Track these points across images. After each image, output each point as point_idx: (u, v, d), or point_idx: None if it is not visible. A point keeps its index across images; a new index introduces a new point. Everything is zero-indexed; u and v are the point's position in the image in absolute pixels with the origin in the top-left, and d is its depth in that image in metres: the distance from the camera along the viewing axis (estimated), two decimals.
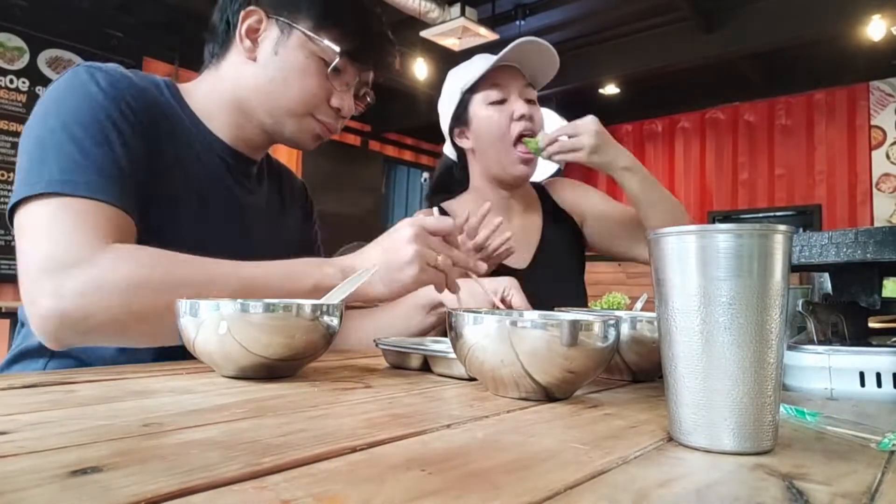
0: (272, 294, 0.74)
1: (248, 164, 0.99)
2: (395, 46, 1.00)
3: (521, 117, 1.27)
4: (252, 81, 0.92)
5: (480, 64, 1.30)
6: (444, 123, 1.39)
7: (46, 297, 0.69)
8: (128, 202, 0.77)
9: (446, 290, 0.94)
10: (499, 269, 1.24)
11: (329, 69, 0.90)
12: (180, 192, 0.86)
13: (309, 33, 0.90)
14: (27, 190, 0.73)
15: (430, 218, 0.81)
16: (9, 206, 0.76)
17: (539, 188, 1.47)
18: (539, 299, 0.95)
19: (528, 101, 1.30)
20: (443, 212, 1.36)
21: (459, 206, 1.37)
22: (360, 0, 0.96)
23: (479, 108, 1.30)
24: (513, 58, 1.28)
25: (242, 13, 0.90)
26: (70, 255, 0.70)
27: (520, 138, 1.27)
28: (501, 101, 1.28)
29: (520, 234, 1.34)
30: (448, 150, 1.43)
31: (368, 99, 1.03)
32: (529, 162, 1.30)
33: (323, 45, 0.89)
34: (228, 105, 0.94)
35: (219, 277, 0.74)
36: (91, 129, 0.77)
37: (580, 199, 1.44)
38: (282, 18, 0.90)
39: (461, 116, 1.34)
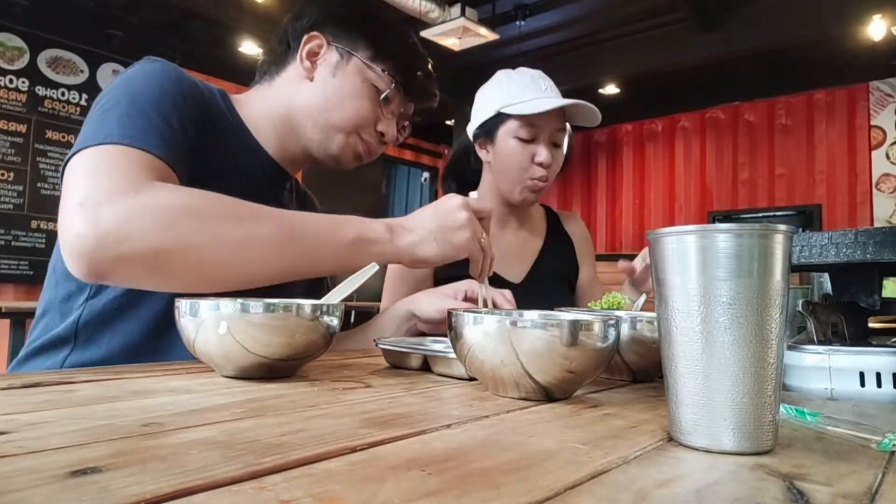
0: (313, 239, 0.76)
1: (285, 178, 1.04)
2: (437, 81, 1.08)
3: (541, 164, 1.31)
4: (307, 99, 0.98)
5: (526, 91, 1.30)
6: (472, 124, 1.40)
7: (85, 218, 0.66)
8: (178, 165, 0.78)
9: (424, 302, 0.97)
10: (492, 281, 1.24)
11: (381, 96, 0.98)
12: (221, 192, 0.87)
13: (367, 62, 0.98)
14: (84, 143, 0.73)
15: (473, 200, 0.85)
16: (64, 162, 0.76)
17: (549, 210, 1.52)
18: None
19: (555, 145, 1.33)
20: None
21: None
22: (413, 41, 1.05)
23: (507, 136, 1.32)
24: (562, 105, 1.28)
25: (305, 37, 0.98)
26: (115, 187, 0.69)
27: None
28: (529, 140, 1.31)
29: (514, 248, 1.38)
30: (470, 127, 1.44)
31: (406, 131, 1.10)
32: (538, 192, 1.34)
33: (379, 73, 0.98)
34: (278, 119, 0.99)
35: (263, 215, 0.75)
36: (156, 104, 0.80)
37: (582, 250, 1.49)
38: (342, 46, 0.98)
39: (489, 131, 1.35)
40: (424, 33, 4.54)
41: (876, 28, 4.33)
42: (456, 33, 4.49)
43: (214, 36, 4.89)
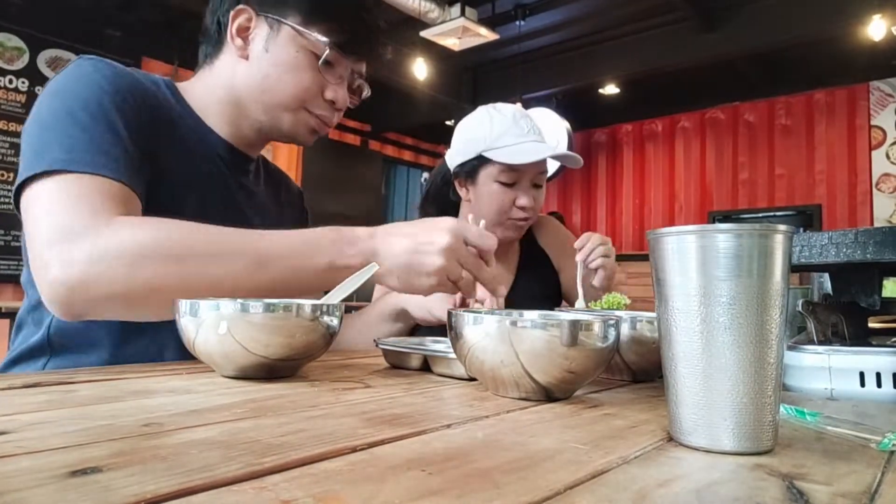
0: (283, 269, 0.73)
1: (245, 161, 1.00)
2: (386, 36, 1.01)
3: (523, 208, 1.30)
4: (245, 79, 0.93)
5: (509, 134, 1.28)
6: (452, 159, 1.38)
7: (55, 265, 0.68)
8: (134, 181, 0.77)
9: (413, 300, 0.96)
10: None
11: (320, 62, 0.91)
12: (179, 189, 0.87)
13: (298, 27, 0.90)
14: (30, 170, 0.73)
15: (475, 229, 0.80)
16: (13, 191, 0.76)
17: None
18: None
19: (536, 186, 1.33)
20: None
21: None
22: None
23: (488, 179, 1.31)
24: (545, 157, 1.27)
25: (232, 13, 0.91)
26: (76, 225, 0.69)
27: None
28: (510, 184, 1.30)
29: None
30: (450, 160, 1.41)
31: (364, 91, 1.03)
32: (520, 230, 1.34)
33: (312, 38, 0.90)
34: (224, 103, 0.95)
35: (231, 248, 0.72)
36: (96, 114, 0.77)
37: (562, 252, 1.46)
38: (270, 15, 0.91)
39: (470, 172, 1.34)
40: (424, 33, 4.54)
41: (876, 28, 4.33)
42: (456, 33, 4.49)
43: None
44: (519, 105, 1.38)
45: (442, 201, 1.44)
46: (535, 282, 1.41)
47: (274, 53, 0.91)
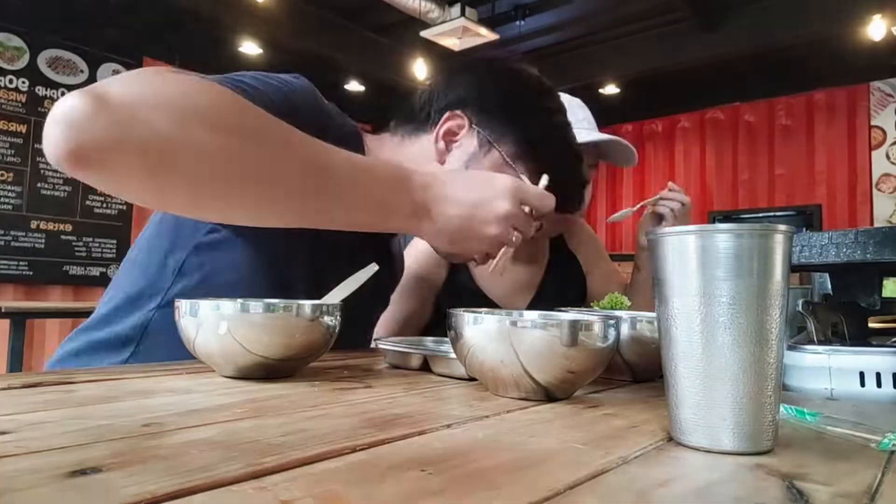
0: (338, 197, 0.65)
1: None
2: (587, 191, 0.93)
3: None
4: (419, 159, 0.86)
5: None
6: None
7: (84, 93, 0.53)
8: None
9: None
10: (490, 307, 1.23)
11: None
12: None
13: (508, 160, 0.83)
14: None
15: (534, 190, 0.73)
16: None
17: None
18: None
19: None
20: None
21: None
22: (570, 138, 0.90)
23: None
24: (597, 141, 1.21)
25: (447, 114, 0.86)
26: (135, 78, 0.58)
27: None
28: None
29: (516, 279, 1.31)
30: None
31: (542, 226, 0.95)
32: (563, 223, 1.26)
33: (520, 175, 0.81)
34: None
35: (293, 149, 0.63)
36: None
37: (587, 240, 1.42)
38: (484, 133, 0.85)
39: None
40: (424, 33, 4.54)
41: (876, 28, 4.33)
42: (456, 33, 4.49)
43: (214, 36, 4.89)
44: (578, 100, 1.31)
45: None
46: (563, 282, 1.35)
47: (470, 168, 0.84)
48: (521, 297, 1.30)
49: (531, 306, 1.30)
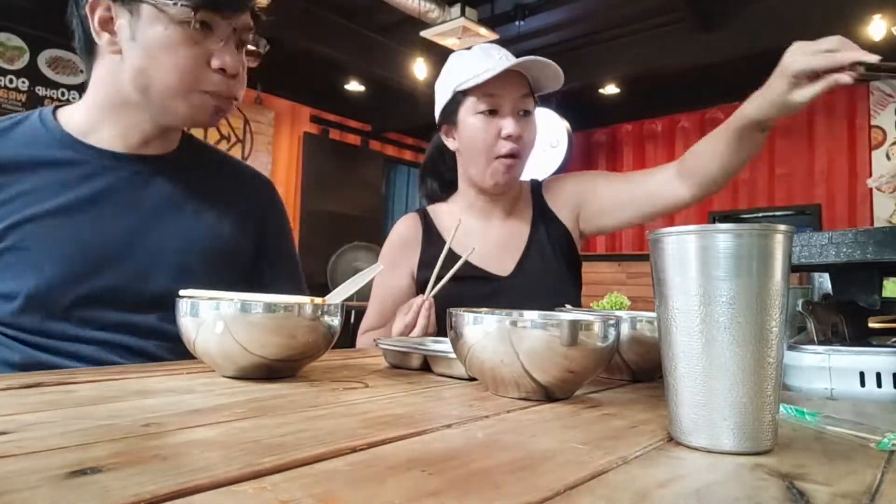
0: None
1: (143, 161, 0.93)
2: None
3: (509, 137, 1.19)
4: (123, 76, 0.85)
5: (479, 64, 1.21)
6: (436, 112, 1.32)
7: None
8: None
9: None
10: (479, 278, 1.22)
11: (191, 27, 0.82)
12: (48, 220, 0.84)
13: (154, 2, 0.81)
14: None
15: None
16: None
17: (535, 187, 1.40)
18: (522, 308, 0.92)
19: (524, 113, 1.22)
20: (427, 217, 1.34)
21: (446, 214, 1.34)
22: None
23: (468, 114, 1.22)
24: (515, 65, 1.19)
25: (87, 6, 0.84)
26: None
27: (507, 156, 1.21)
28: (492, 112, 1.20)
29: (501, 241, 1.29)
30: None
31: (259, 48, 0.92)
32: (510, 171, 1.23)
33: (174, 8, 0.81)
34: (111, 111, 0.89)
35: None
36: None
37: (570, 188, 1.35)
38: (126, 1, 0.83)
39: (450, 116, 1.26)
40: (424, 33, 4.53)
41: (876, 28, 4.33)
42: (456, 33, 4.48)
43: None
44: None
45: (440, 172, 1.40)
46: (548, 240, 1.32)
47: (141, 39, 0.83)
48: (505, 257, 1.27)
49: (517, 269, 1.27)
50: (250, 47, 0.91)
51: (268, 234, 1.06)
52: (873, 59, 0.76)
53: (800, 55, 0.82)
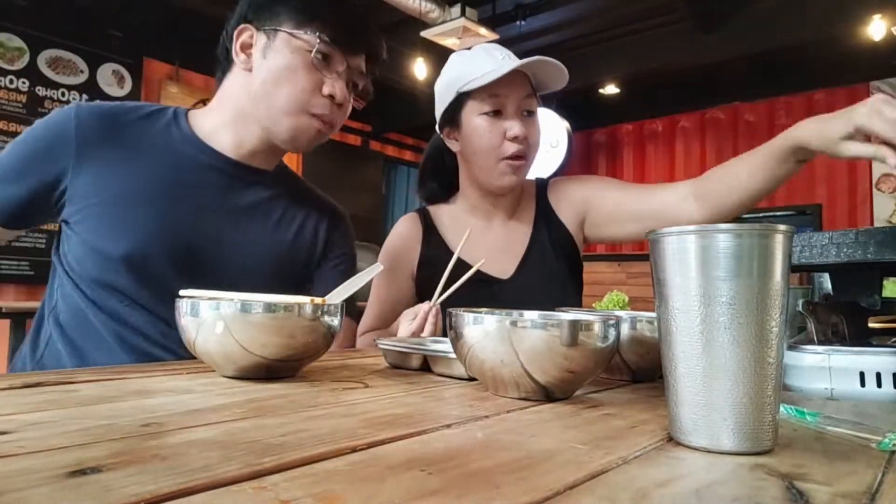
0: None
1: (250, 172, 1.04)
2: (377, 30, 1.04)
3: (515, 138, 1.18)
4: (248, 89, 0.98)
5: (482, 64, 1.20)
6: (437, 113, 1.31)
7: None
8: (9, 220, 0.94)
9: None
10: (479, 281, 1.19)
11: (312, 55, 0.95)
12: (137, 199, 0.95)
13: (289, 31, 0.95)
14: None
15: None
16: None
17: (540, 187, 1.38)
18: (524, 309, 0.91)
19: (528, 113, 1.22)
20: (428, 217, 1.33)
21: (447, 214, 1.34)
22: None
23: (472, 115, 1.21)
24: (522, 65, 1.18)
25: (235, 32, 0.98)
26: None
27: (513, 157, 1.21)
28: (496, 113, 1.19)
29: (503, 243, 1.28)
30: (438, 126, 1.34)
31: (369, 91, 1.06)
32: (518, 171, 1.22)
33: (303, 37, 0.95)
34: (231, 120, 1.01)
35: None
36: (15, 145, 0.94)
37: (577, 192, 1.34)
38: (267, 27, 0.97)
39: (453, 117, 1.25)
40: (424, 33, 4.53)
41: (876, 28, 4.33)
42: (456, 33, 4.48)
43: (214, 36, 4.89)
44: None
45: (439, 173, 1.38)
46: (549, 241, 1.31)
47: (270, 59, 0.96)
48: (506, 259, 1.27)
49: (518, 270, 1.27)
50: (359, 87, 1.04)
51: (327, 260, 1.15)
52: None
53: (873, 114, 0.81)
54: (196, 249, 0.96)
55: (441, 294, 1.06)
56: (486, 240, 1.26)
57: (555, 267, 1.30)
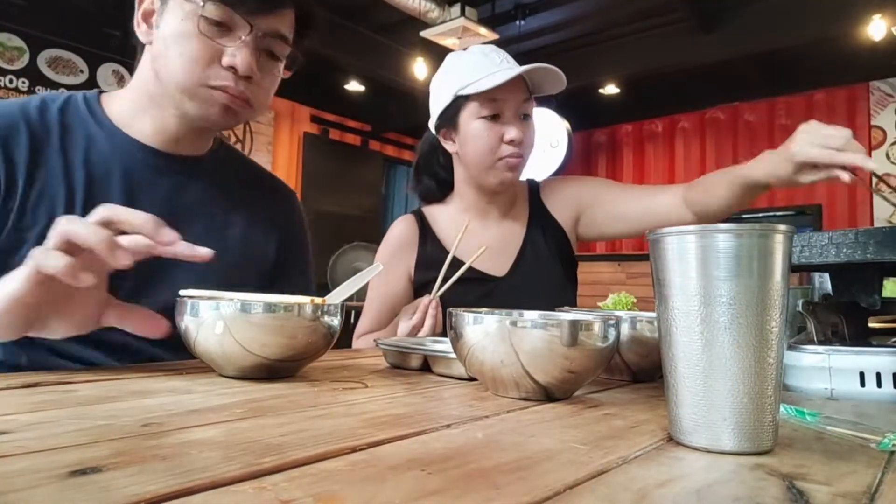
0: None
1: (176, 161, 0.91)
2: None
3: (511, 142, 1.20)
4: (149, 65, 0.85)
5: (480, 67, 1.21)
6: (432, 118, 1.32)
7: None
8: None
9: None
10: (475, 279, 1.21)
11: (197, 21, 0.79)
12: (62, 202, 0.81)
13: None
14: None
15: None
16: None
17: (534, 188, 1.40)
18: (518, 308, 0.91)
19: (524, 116, 1.23)
20: (424, 218, 1.34)
21: (442, 215, 1.34)
22: None
23: (469, 118, 1.22)
24: (523, 72, 1.19)
25: (137, 1, 0.85)
26: None
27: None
28: (494, 117, 1.21)
29: (498, 242, 1.29)
30: (431, 122, 1.34)
31: (297, 58, 0.89)
32: (514, 170, 1.23)
33: (194, 1, 0.79)
34: (147, 104, 0.88)
35: None
36: None
37: (571, 192, 1.36)
38: None
39: (450, 119, 1.26)
40: (424, 33, 4.53)
41: (876, 28, 4.33)
42: (456, 33, 4.48)
43: None
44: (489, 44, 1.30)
45: (434, 171, 1.39)
46: (543, 240, 1.33)
47: (164, 27, 0.82)
48: (501, 257, 1.28)
49: (513, 268, 1.28)
50: (279, 55, 0.88)
51: (287, 246, 1.06)
52: (871, 166, 0.83)
53: (807, 146, 0.88)
54: (143, 266, 0.80)
55: (440, 288, 1.06)
56: (481, 238, 1.27)
57: (549, 265, 1.32)
